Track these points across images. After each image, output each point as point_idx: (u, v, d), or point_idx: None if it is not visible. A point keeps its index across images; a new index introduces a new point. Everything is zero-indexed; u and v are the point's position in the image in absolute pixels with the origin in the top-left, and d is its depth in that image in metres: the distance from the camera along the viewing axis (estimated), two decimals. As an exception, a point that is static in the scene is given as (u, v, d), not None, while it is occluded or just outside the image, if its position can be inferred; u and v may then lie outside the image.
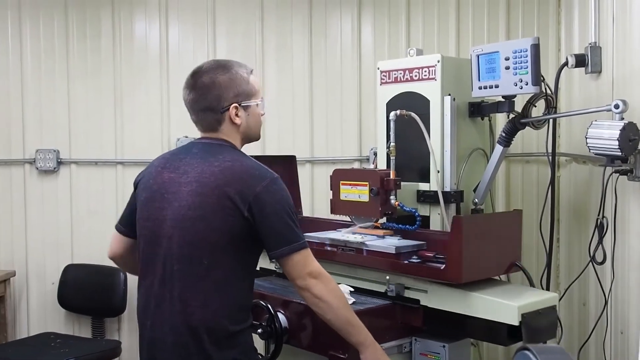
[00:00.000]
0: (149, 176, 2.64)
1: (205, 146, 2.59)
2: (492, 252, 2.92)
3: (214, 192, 2.44)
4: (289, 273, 2.50)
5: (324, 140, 4.83)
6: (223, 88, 2.55)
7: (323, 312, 2.55)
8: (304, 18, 4.79)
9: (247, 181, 2.45)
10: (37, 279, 4.89)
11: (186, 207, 2.47)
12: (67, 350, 4.34)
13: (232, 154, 2.55)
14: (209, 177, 2.47)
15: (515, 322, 2.65)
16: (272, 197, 2.45)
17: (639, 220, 3.01)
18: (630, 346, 3.10)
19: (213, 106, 2.55)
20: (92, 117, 4.84)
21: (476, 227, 2.89)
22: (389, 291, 3.04)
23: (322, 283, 2.51)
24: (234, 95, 2.56)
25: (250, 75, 2.63)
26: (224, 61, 2.66)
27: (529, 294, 2.88)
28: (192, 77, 2.60)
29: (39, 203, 4.86)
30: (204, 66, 2.61)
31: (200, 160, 2.53)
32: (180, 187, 2.51)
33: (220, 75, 2.56)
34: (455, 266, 2.77)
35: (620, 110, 2.87)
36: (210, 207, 2.43)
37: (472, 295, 2.79)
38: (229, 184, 2.43)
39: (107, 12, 4.81)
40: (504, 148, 3.36)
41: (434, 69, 3.36)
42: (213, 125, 2.59)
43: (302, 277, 2.48)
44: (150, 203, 2.59)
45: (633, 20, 3.06)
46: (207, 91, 2.55)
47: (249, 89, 2.60)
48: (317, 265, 2.53)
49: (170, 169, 2.59)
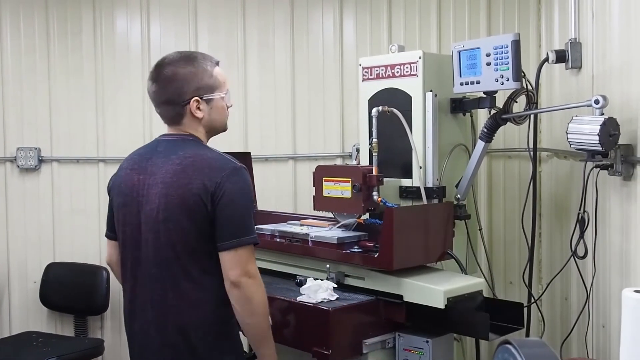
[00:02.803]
0: (120, 179, 2.65)
1: (168, 143, 2.58)
2: (424, 241, 3.09)
3: (178, 192, 2.43)
4: (227, 264, 2.43)
5: (307, 136, 4.83)
6: (184, 81, 2.52)
7: (248, 314, 2.48)
8: (285, 14, 4.79)
9: (209, 173, 2.44)
10: (19, 277, 4.85)
11: (155, 210, 2.47)
12: (50, 349, 4.31)
13: (194, 148, 2.53)
14: (172, 176, 2.46)
15: (441, 305, 2.81)
16: (231, 186, 2.43)
17: (619, 215, 3.03)
18: (612, 340, 3.13)
19: (174, 99, 2.53)
20: (74, 115, 4.81)
21: (408, 218, 3.03)
22: (329, 278, 3.13)
23: (256, 285, 2.46)
24: (195, 88, 2.53)
25: (215, 68, 2.60)
26: (187, 53, 2.64)
27: (457, 279, 3.04)
28: (155, 68, 2.58)
29: (21, 201, 4.82)
30: (167, 58, 2.58)
31: (164, 159, 2.52)
32: (150, 189, 2.51)
33: (182, 68, 2.53)
34: (387, 254, 2.91)
35: (600, 106, 2.89)
36: (177, 207, 2.43)
37: (404, 280, 2.95)
38: (192, 181, 2.43)
39: (88, 9, 4.78)
40: (485, 144, 3.37)
41: (416, 65, 3.37)
42: (175, 118, 2.58)
43: (239, 273, 2.42)
44: (124, 208, 2.59)
45: (613, 16, 3.08)
46: (167, 84, 2.53)
47: (211, 82, 2.57)
48: (255, 265, 2.49)
49: (138, 170, 2.58)
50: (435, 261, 3.15)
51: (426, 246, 3.10)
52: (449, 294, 2.83)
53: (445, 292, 2.82)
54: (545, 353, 1.74)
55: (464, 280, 3.05)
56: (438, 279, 2.99)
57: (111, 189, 2.70)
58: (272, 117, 4.80)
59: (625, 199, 2.96)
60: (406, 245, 2.96)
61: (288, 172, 4.78)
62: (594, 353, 3.34)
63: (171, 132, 2.62)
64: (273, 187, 4.71)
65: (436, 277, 3.01)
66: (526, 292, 3.72)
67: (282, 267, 3.46)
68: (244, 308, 2.47)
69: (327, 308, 2.85)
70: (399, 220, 2.91)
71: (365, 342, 2.93)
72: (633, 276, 2.90)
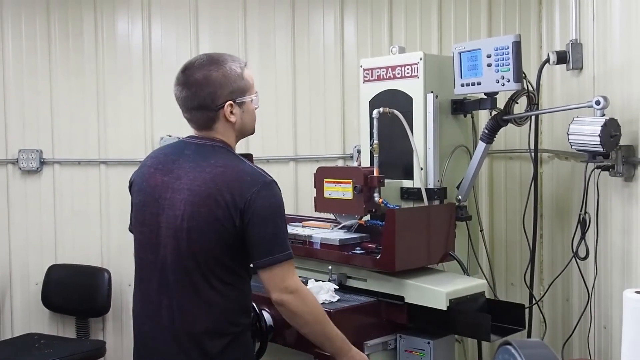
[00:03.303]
0: (142, 177, 2.57)
1: (198, 148, 2.50)
2: (426, 242, 3.09)
3: (206, 202, 2.37)
4: (266, 284, 2.43)
5: (308, 138, 4.83)
6: (217, 85, 2.43)
7: (299, 326, 2.53)
8: (286, 16, 4.79)
9: (239, 188, 2.37)
10: (21, 279, 4.85)
11: (180, 217, 2.40)
12: (51, 350, 4.32)
13: (225, 158, 2.46)
14: (200, 184, 2.39)
15: (443, 307, 2.81)
16: (262, 203, 2.37)
17: (620, 216, 3.03)
18: (613, 341, 3.13)
19: (207, 104, 2.44)
20: (75, 117, 4.82)
21: (409, 219, 3.03)
22: (331, 280, 3.14)
23: (299, 299, 2.45)
24: (228, 92, 2.45)
25: (245, 70, 2.52)
26: (216, 55, 2.52)
27: (459, 281, 3.04)
28: (183, 73, 2.48)
29: (22, 203, 4.83)
30: (196, 62, 2.49)
31: (193, 164, 2.45)
32: (174, 193, 2.44)
33: (214, 71, 2.44)
34: (389, 255, 2.92)
35: (601, 107, 2.89)
36: (203, 217, 2.37)
37: (406, 282, 2.95)
38: (221, 192, 2.36)
39: (89, 11, 4.79)
40: (486, 145, 3.37)
41: (417, 66, 3.38)
42: (207, 123, 2.49)
43: (279, 291, 2.41)
44: (144, 208, 2.53)
45: (613, 17, 3.09)
46: (200, 88, 2.43)
47: (243, 84, 2.49)
48: (295, 279, 2.46)
49: (163, 171, 2.51)
50: (437, 262, 3.15)
51: (428, 247, 3.10)
52: (451, 295, 2.83)
53: (448, 293, 2.82)
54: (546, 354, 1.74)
55: (466, 281, 3.05)
56: (440, 280, 2.99)
57: (132, 185, 2.63)
58: (273, 118, 4.80)
59: (627, 199, 2.97)
60: (408, 246, 2.96)
61: (289, 173, 4.78)
62: (595, 354, 3.35)
63: (200, 136, 2.54)
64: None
65: (438, 279, 3.01)
66: (527, 293, 3.72)
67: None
68: (294, 322, 2.51)
69: (329, 309, 2.84)
70: (401, 222, 2.92)
71: (366, 344, 2.93)
72: (634, 277, 2.90)
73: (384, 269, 2.98)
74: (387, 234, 2.93)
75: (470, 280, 3.09)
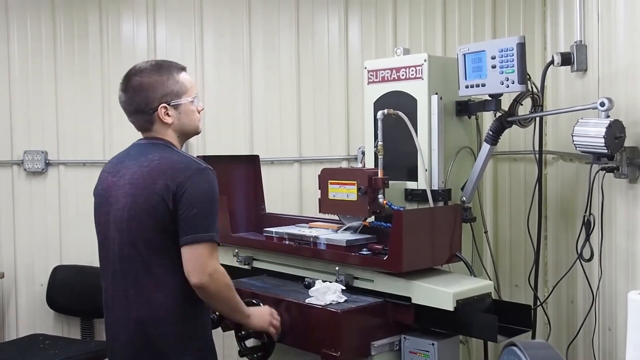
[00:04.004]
0: (98, 183, 2.76)
1: (140, 147, 2.67)
2: (432, 243, 3.08)
3: (143, 192, 2.52)
4: (186, 265, 2.49)
5: (312, 139, 4.84)
6: (150, 89, 2.60)
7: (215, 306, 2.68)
8: (291, 17, 4.80)
9: (172, 174, 2.51)
10: (26, 280, 4.87)
11: (121, 210, 2.56)
12: (57, 351, 4.33)
13: (162, 152, 2.60)
14: (139, 177, 2.55)
15: (450, 307, 2.80)
16: (193, 186, 2.49)
17: (625, 218, 3.03)
18: (618, 343, 3.13)
19: (142, 108, 2.62)
20: (80, 118, 4.83)
21: (416, 220, 3.03)
22: (338, 281, 3.14)
23: (216, 282, 2.53)
24: (161, 95, 2.61)
25: (181, 74, 2.67)
26: (154, 61, 2.72)
27: (466, 282, 3.03)
28: (124, 78, 2.68)
29: (27, 204, 4.85)
30: (135, 68, 2.68)
31: (134, 161, 2.61)
32: (118, 190, 2.60)
33: (147, 77, 2.61)
34: (396, 257, 2.92)
35: (606, 108, 2.89)
36: (141, 206, 2.51)
37: (413, 283, 2.94)
38: (156, 182, 2.50)
39: (95, 13, 4.80)
40: (491, 146, 3.37)
41: (421, 68, 3.38)
42: (145, 126, 2.67)
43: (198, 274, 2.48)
44: (99, 209, 2.71)
45: (618, 18, 3.08)
46: (135, 93, 2.62)
47: (177, 88, 2.65)
48: (215, 262, 2.54)
49: (112, 172, 2.69)
50: (443, 263, 3.15)
51: (435, 248, 3.09)
52: (458, 296, 2.83)
53: (455, 294, 2.82)
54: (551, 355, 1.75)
55: (473, 282, 3.05)
56: (447, 281, 2.98)
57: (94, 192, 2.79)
58: (277, 120, 4.81)
59: (632, 201, 2.96)
60: (415, 247, 2.97)
61: (294, 175, 4.79)
62: (600, 356, 3.34)
63: (144, 137, 2.71)
64: (279, 190, 4.72)
65: (445, 280, 3.01)
66: (532, 294, 3.71)
67: (290, 269, 3.46)
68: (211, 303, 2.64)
69: (336, 310, 2.85)
70: (408, 223, 2.92)
71: (373, 344, 2.94)
72: (639, 279, 2.90)
73: (391, 269, 2.97)
74: (394, 235, 2.93)
75: (477, 281, 3.08)
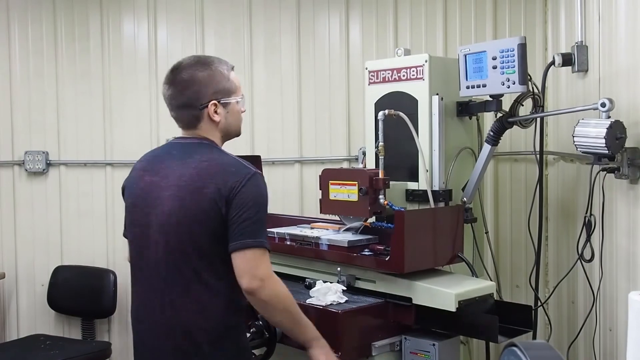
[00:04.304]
0: (132, 180, 2.64)
1: (183, 147, 2.57)
2: (434, 244, 3.08)
3: (193, 196, 2.42)
4: (237, 270, 2.41)
5: (313, 140, 4.84)
6: (202, 84, 2.52)
7: (270, 315, 2.55)
8: (292, 18, 4.80)
9: (224, 178, 2.42)
10: (27, 280, 4.87)
11: (167, 213, 2.46)
12: (57, 351, 4.34)
13: (209, 152, 2.52)
14: (187, 180, 2.45)
15: (452, 308, 2.80)
16: (245, 191, 2.41)
17: (626, 218, 3.03)
18: (619, 343, 3.13)
19: (191, 102, 2.53)
20: (81, 119, 4.84)
21: (418, 221, 3.02)
22: (340, 281, 3.13)
23: (268, 287, 2.43)
24: (213, 92, 2.53)
25: (231, 72, 2.60)
26: (204, 57, 2.63)
27: (468, 282, 3.03)
28: (171, 72, 2.57)
29: (28, 205, 4.85)
30: (183, 62, 2.58)
31: (179, 162, 2.51)
32: (162, 191, 2.50)
33: (200, 71, 2.53)
34: (398, 257, 2.91)
35: (606, 109, 2.89)
36: (191, 211, 2.42)
37: (415, 284, 2.94)
38: (207, 185, 2.42)
39: (96, 14, 4.81)
40: (492, 147, 3.37)
41: (422, 68, 3.38)
42: (192, 122, 2.57)
43: (249, 279, 2.39)
44: (134, 208, 2.59)
45: (619, 19, 3.09)
46: (185, 87, 2.52)
47: (228, 85, 2.58)
48: (267, 268, 2.45)
49: (151, 172, 2.58)
50: (446, 264, 3.15)
51: (437, 249, 3.09)
52: (460, 297, 2.83)
53: (457, 295, 2.82)
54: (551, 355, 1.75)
55: (475, 283, 3.05)
56: (449, 281, 2.99)
57: (124, 190, 2.69)
58: (278, 120, 4.81)
59: (632, 202, 2.96)
60: (417, 248, 2.96)
61: (294, 175, 4.79)
62: (601, 356, 3.34)
63: (186, 136, 2.61)
64: (280, 190, 4.72)
65: (447, 280, 3.01)
66: (533, 295, 3.71)
67: (292, 270, 3.46)
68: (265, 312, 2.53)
69: (337, 310, 2.85)
70: (410, 223, 2.92)
71: (374, 345, 2.94)
72: (640, 279, 2.90)
73: (392, 270, 2.97)
74: (396, 235, 2.92)
75: (479, 282, 3.09)
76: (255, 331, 2.95)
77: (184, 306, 2.45)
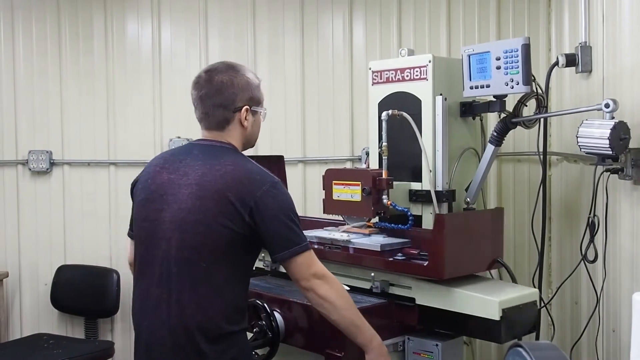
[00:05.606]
0: (147, 176, 2.63)
1: (207, 148, 2.57)
2: (474, 249, 3.02)
3: (214, 196, 2.43)
4: (293, 275, 2.50)
5: (316, 140, 4.84)
6: (239, 88, 2.57)
7: (328, 312, 2.55)
8: (295, 19, 4.80)
9: (248, 186, 2.44)
10: (30, 280, 4.89)
11: (186, 210, 2.45)
12: (60, 351, 4.34)
13: (234, 157, 2.53)
14: (210, 180, 2.45)
15: (496, 316, 2.73)
16: (273, 201, 2.44)
17: (629, 219, 3.03)
18: (622, 344, 3.12)
19: (227, 104, 2.56)
20: (85, 118, 4.85)
21: (458, 224, 2.97)
22: (374, 288, 3.09)
23: (327, 284, 2.51)
24: (248, 97, 2.59)
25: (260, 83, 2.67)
26: (237, 64, 2.67)
27: (510, 289, 2.96)
28: (206, 73, 2.60)
29: (32, 204, 4.86)
30: (218, 66, 2.61)
31: (202, 162, 2.51)
32: (180, 189, 2.49)
33: (237, 77, 2.58)
34: (438, 263, 2.84)
35: (610, 110, 2.88)
36: (211, 211, 2.42)
37: (455, 291, 2.86)
38: (230, 189, 2.42)
39: (100, 14, 4.82)
40: (495, 147, 3.37)
41: (426, 69, 3.37)
42: (221, 123, 2.58)
43: (306, 279, 2.48)
44: (148, 204, 2.57)
45: (623, 19, 3.09)
46: (224, 88, 2.55)
47: (259, 95, 2.65)
48: (321, 266, 2.53)
49: (169, 169, 2.57)
50: (485, 270, 3.11)
51: (476, 254, 3.03)
52: (504, 304, 2.75)
53: (501, 302, 2.75)
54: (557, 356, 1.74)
55: (517, 290, 2.96)
56: (490, 288, 2.90)
57: (135, 185, 2.68)
58: (282, 120, 4.81)
59: (636, 203, 2.96)
60: (457, 253, 2.89)
61: (298, 175, 4.79)
62: (604, 357, 3.34)
63: (210, 138, 2.62)
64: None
65: (488, 287, 2.92)
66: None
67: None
68: (322, 308, 2.55)
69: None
70: (450, 227, 2.86)
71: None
72: (643, 280, 2.90)
73: (431, 276, 2.89)
74: (435, 239, 2.87)
75: (522, 289, 3.00)
76: (258, 331, 2.95)
77: (189, 304, 2.45)
